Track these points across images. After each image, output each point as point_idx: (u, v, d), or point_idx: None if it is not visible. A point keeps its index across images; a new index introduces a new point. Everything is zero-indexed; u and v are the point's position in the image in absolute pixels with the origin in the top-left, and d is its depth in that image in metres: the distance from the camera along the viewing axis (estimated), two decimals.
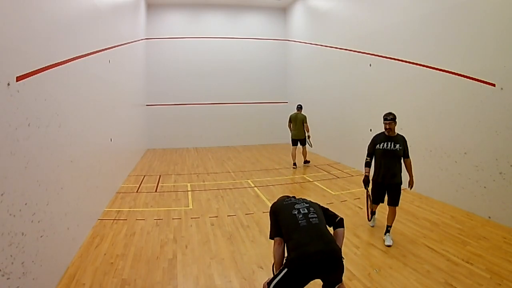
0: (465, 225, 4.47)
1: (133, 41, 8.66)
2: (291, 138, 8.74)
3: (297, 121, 8.54)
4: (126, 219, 4.82)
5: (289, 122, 8.75)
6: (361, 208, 5.14)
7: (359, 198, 5.67)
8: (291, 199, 2.76)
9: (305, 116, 8.55)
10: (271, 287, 2.24)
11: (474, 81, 4.88)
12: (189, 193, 6.28)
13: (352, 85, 8.41)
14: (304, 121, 8.49)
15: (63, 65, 3.48)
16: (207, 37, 12.42)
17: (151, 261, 3.58)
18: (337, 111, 9.17)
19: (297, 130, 8.57)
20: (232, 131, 12.74)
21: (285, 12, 13.08)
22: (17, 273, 2.38)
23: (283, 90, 13.16)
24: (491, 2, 4.62)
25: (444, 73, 5.42)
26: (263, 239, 4.12)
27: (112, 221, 4.74)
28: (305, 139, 8.58)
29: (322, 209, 2.68)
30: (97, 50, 4.96)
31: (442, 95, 5.50)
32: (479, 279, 3.14)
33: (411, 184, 4.15)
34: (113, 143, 6.00)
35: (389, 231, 4.05)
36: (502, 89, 4.47)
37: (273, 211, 2.72)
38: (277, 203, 2.79)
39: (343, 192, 6.24)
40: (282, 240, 2.56)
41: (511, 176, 4.36)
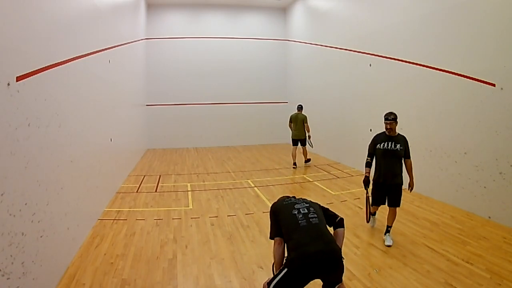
0: (465, 225, 4.47)
1: (133, 41, 8.66)
2: (292, 138, 8.75)
3: (297, 121, 8.55)
4: (126, 219, 4.82)
5: (290, 122, 8.76)
6: (361, 208, 5.13)
7: (359, 198, 5.67)
8: (291, 199, 2.76)
9: (305, 116, 8.56)
10: (271, 287, 2.25)
11: (474, 81, 4.88)
12: (189, 193, 6.28)
13: (352, 85, 8.41)
14: (304, 121, 8.50)
15: (63, 65, 3.48)
16: (207, 37, 12.42)
17: (151, 261, 3.58)
18: (337, 111, 9.17)
19: (297, 130, 8.58)
20: (232, 131, 12.74)
21: (285, 12, 13.08)
22: (17, 273, 2.38)
23: (283, 90, 13.16)
24: (491, 2, 4.62)
25: (444, 73, 5.42)
26: (263, 239, 4.12)
27: (112, 221, 4.74)
28: (306, 139, 8.59)
29: (322, 209, 2.68)
30: (97, 50, 4.96)
31: (442, 95, 5.50)
32: (479, 279, 3.14)
33: (411, 186, 4.10)
34: (113, 143, 6.00)
35: (389, 231, 4.05)
36: (502, 89, 4.48)
37: (273, 211, 2.73)
38: (277, 203, 2.79)
39: (343, 192, 6.24)
40: (282, 240, 2.56)
41: (511, 176, 4.36)
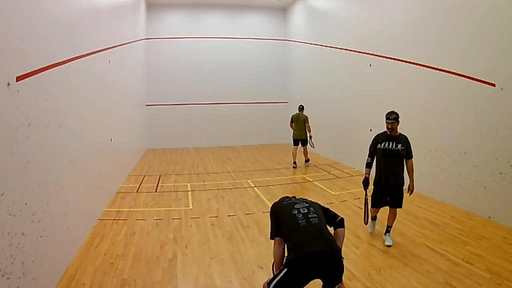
0: (465, 225, 4.47)
1: (133, 41, 8.66)
2: (293, 138, 8.77)
3: (298, 121, 8.57)
4: (126, 219, 4.82)
5: (291, 122, 8.78)
6: (361, 208, 5.11)
7: (359, 198, 5.67)
8: (291, 199, 2.76)
9: (306, 116, 8.57)
10: (271, 287, 2.25)
11: (474, 81, 4.88)
12: (189, 193, 6.28)
13: (352, 85, 8.41)
14: (305, 122, 8.52)
15: (63, 65, 3.48)
16: (207, 37, 12.42)
17: (151, 261, 3.58)
18: (337, 111, 9.17)
19: (298, 130, 8.60)
20: (232, 131, 12.74)
21: (285, 12, 13.08)
22: (17, 273, 2.38)
23: (283, 90, 13.15)
24: (491, 2, 4.62)
25: (444, 73, 5.42)
26: (263, 239, 4.12)
27: (112, 221, 4.74)
28: (306, 139, 8.60)
29: (322, 209, 2.68)
30: (97, 50, 4.96)
31: (442, 95, 5.50)
32: (479, 279, 3.14)
33: (411, 189, 3.98)
34: (113, 143, 6.00)
35: (389, 231, 4.04)
36: (502, 89, 4.48)
37: (273, 211, 2.73)
38: (277, 203, 2.79)
39: (343, 192, 6.24)
40: (282, 240, 2.56)
41: (511, 176, 4.36)
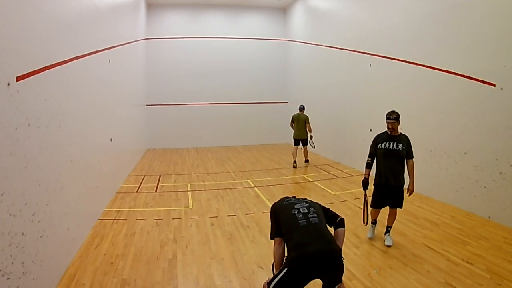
0: (465, 225, 4.47)
1: (133, 41, 8.66)
2: (293, 138, 8.78)
3: (299, 122, 8.58)
4: (126, 219, 4.82)
5: (292, 122, 8.79)
6: (361, 208, 5.12)
7: (359, 198, 5.66)
8: (291, 199, 2.77)
9: (307, 116, 8.58)
10: (271, 287, 2.25)
11: (474, 81, 4.88)
12: (189, 193, 6.28)
13: (352, 85, 8.41)
14: (306, 122, 8.53)
15: (63, 65, 3.48)
16: (207, 37, 12.42)
17: (151, 261, 3.58)
18: (337, 111, 9.17)
19: (299, 130, 8.61)
20: (232, 131, 12.74)
21: (285, 12, 13.08)
22: (17, 273, 2.38)
23: (283, 90, 13.15)
24: (491, 2, 4.62)
25: (444, 73, 5.42)
26: (263, 239, 4.12)
27: (112, 221, 4.74)
28: (307, 139, 8.61)
29: (322, 209, 2.68)
30: (97, 50, 4.96)
31: (442, 95, 5.50)
32: (479, 279, 3.14)
33: (411, 189, 3.93)
34: (113, 143, 6.00)
35: (389, 231, 4.04)
36: (502, 89, 4.48)
37: (273, 211, 2.73)
38: (277, 203, 2.79)
39: (343, 192, 6.24)
40: (282, 240, 2.55)
41: (511, 176, 4.36)
